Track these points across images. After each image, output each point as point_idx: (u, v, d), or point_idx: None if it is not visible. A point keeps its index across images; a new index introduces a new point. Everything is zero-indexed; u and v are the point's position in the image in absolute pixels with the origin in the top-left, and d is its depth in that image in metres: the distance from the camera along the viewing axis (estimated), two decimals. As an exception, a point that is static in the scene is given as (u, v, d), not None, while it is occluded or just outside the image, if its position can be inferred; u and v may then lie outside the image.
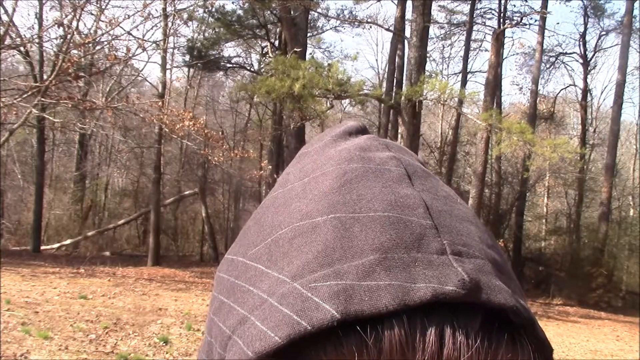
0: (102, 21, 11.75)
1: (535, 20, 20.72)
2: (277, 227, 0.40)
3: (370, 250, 0.35)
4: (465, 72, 23.12)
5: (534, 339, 0.36)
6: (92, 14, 12.70)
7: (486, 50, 23.40)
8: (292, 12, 16.97)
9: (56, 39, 12.91)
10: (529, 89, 23.25)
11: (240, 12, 20.22)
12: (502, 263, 0.39)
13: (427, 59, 22.17)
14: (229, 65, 22.60)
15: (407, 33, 16.31)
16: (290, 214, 0.40)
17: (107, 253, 18.74)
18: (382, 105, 19.80)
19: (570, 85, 26.65)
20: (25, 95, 11.06)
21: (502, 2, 21.38)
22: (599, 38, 24.71)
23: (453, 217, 0.39)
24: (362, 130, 0.48)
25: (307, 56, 17.90)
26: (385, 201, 0.38)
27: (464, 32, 23.05)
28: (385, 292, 0.33)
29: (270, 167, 16.75)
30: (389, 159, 0.43)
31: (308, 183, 0.42)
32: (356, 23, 21.24)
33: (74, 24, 11.14)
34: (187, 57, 20.74)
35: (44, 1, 15.01)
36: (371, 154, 0.43)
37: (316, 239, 0.37)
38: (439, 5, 23.12)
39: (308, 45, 20.06)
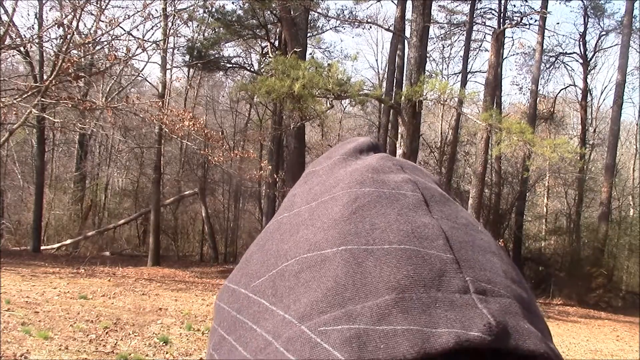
0: (102, 21, 11.76)
1: (535, 20, 20.74)
2: (282, 258, 0.37)
3: (385, 289, 0.32)
4: (465, 72, 23.11)
5: None
6: (92, 14, 12.70)
7: (486, 50, 23.42)
8: (292, 12, 16.98)
9: (56, 39, 12.92)
10: (529, 89, 23.26)
11: (240, 12, 20.23)
12: (528, 300, 0.36)
13: (427, 59, 22.19)
14: (229, 65, 22.60)
15: (407, 33, 16.31)
16: (297, 244, 0.38)
17: (107, 253, 18.75)
18: (382, 105, 19.80)
19: (570, 85, 26.67)
20: (25, 95, 11.06)
21: (502, 2, 21.38)
22: (599, 38, 24.74)
23: (475, 249, 0.36)
24: (373, 147, 0.45)
25: (307, 56, 17.90)
26: (402, 232, 0.35)
27: (464, 32, 23.05)
28: (403, 338, 0.30)
29: (270, 167, 16.75)
30: (404, 183, 0.39)
31: (316, 208, 0.39)
32: (356, 23, 21.23)
33: (74, 24, 11.14)
34: (187, 57, 20.74)
35: (44, 1, 15.02)
36: (385, 176, 0.40)
37: (326, 274, 0.34)
38: (439, 5, 23.16)
39: (308, 45, 20.06)
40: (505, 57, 23.61)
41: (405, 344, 0.30)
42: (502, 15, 21.37)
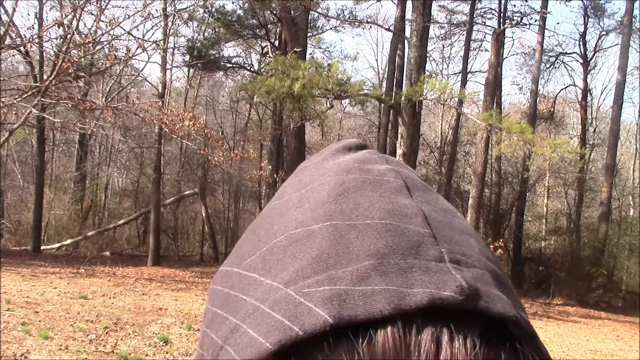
0: (102, 21, 11.76)
1: (535, 20, 20.74)
2: (272, 236, 0.40)
3: (365, 256, 0.35)
4: (465, 72, 23.12)
5: (536, 353, 0.35)
6: (92, 14, 12.72)
7: (486, 50, 23.42)
8: (292, 12, 16.98)
9: (56, 39, 12.91)
10: (529, 89, 23.27)
11: (240, 12, 20.23)
12: (503, 277, 0.38)
13: (427, 59, 22.18)
14: (229, 65, 22.61)
15: (407, 33, 16.31)
16: (285, 223, 0.40)
17: (107, 253, 18.74)
18: (382, 105, 19.80)
19: (570, 85, 26.68)
20: (25, 95, 11.06)
21: (502, 2, 21.39)
22: (599, 38, 24.74)
23: (452, 229, 0.39)
24: (361, 147, 0.48)
25: (307, 56, 17.91)
26: (383, 209, 0.38)
27: (464, 32, 23.06)
28: (380, 296, 0.33)
29: (270, 167, 16.75)
30: (388, 171, 0.42)
31: (305, 194, 0.42)
32: (356, 23, 21.24)
33: (74, 24, 11.14)
34: (187, 57, 20.74)
35: (44, 1, 15.02)
36: (370, 166, 0.43)
37: (311, 246, 0.37)
38: (439, 5, 23.16)
39: (308, 45, 20.07)
40: (505, 57, 23.63)
41: (382, 301, 0.32)
42: (502, 15, 21.37)
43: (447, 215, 0.41)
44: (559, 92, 26.21)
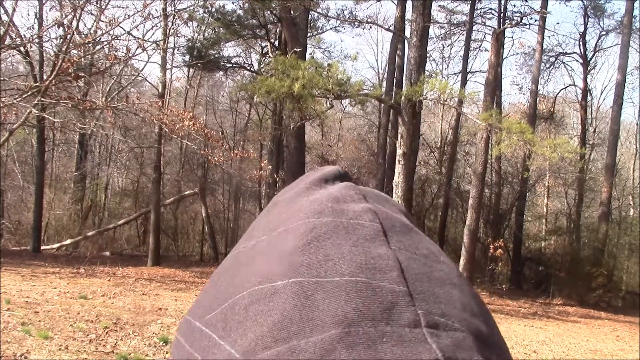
0: (102, 21, 11.77)
1: (535, 20, 20.74)
2: (236, 290, 0.37)
3: (332, 324, 0.31)
4: (465, 72, 23.12)
5: None
6: (92, 14, 12.72)
7: (486, 50, 23.41)
8: (292, 12, 16.98)
9: (56, 39, 12.92)
10: (529, 89, 23.26)
11: (240, 12, 20.23)
12: (488, 334, 0.35)
13: (427, 59, 22.20)
14: (228, 65, 22.60)
15: (407, 33, 16.31)
16: (249, 276, 0.37)
17: (107, 253, 18.74)
18: (382, 105, 19.80)
19: (570, 85, 26.67)
20: (25, 95, 11.06)
21: (502, 2, 21.39)
22: (599, 38, 24.73)
23: (432, 281, 0.35)
24: (340, 177, 0.44)
25: (307, 56, 17.90)
26: (355, 263, 0.34)
27: (464, 32, 23.05)
28: None
29: (270, 167, 16.75)
30: (364, 212, 0.38)
31: (273, 239, 0.39)
32: (356, 23, 21.24)
33: (74, 24, 11.14)
34: (187, 57, 20.74)
35: (44, 1, 15.02)
36: (345, 205, 0.39)
37: (274, 308, 0.33)
38: (439, 5, 23.16)
39: (308, 45, 20.07)
40: (505, 57, 23.63)
41: None
42: (502, 15, 21.37)
43: (427, 262, 0.37)
44: (559, 92, 26.23)
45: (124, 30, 14.70)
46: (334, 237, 0.36)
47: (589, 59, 24.41)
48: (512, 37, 30.50)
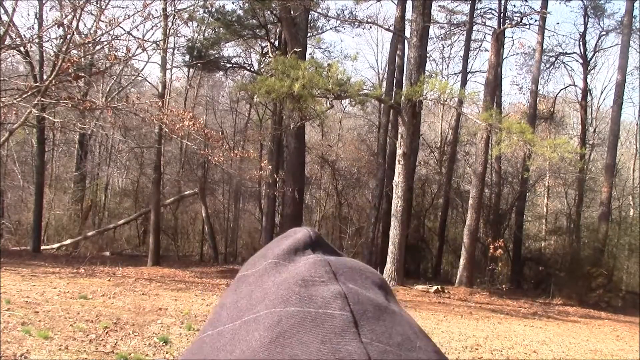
0: (102, 21, 11.74)
1: (535, 20, 20.74)
2: None
3: None
4: (465, 72, 23.13)
5: None
6: (92, 14, 12.71)
7: (486, 50, 23.42)
8: (292, 12, 16.98)
9: (56, 39, 12.91)
10: (529, 89, 23.26)
11: (240, 12, 20.23)
12: None
13: (427, 59, 22.22)
14: (228, 65, 22.61)
15: (407, 33, 16.31)
16: None
17: (107, 253, 18.75)
18: (382, 105, 19.80)
19: (570, 85, 26.67)
20: (25, 95, 11.06)
21: (502, 2, 21.39)
22: (599, 38, 24.74)
23: None
24: (312, 244, 0.41)
25: (307, 56, 17.91)
26: None
27: (464, 32, 23.06)
28: None
29: (270, 167, 16.74)
30: (334, 298, 0.36)
31: (239, 330, 0.37)
32: (356, 23, 21.24)
33: (74, 24, 11.14)
34: (187, 57, 20.74)
35: (44, 1, 15.02)
36: (314, 290, 0.37)
37: None
38: (439, 5, 23.15)
39: (308, 45, 20.06)
40: (505, 57, 23.63)
41: None
42: (502, 15, 21.37)
43: (402, 352, 0.35)
44: (559, 92, 26.24)
45: (124, 30, 14.68)
46: (301, 332, 0.34)
47: (589, 59, 24.42)
48: (512, 37, 30.51)
